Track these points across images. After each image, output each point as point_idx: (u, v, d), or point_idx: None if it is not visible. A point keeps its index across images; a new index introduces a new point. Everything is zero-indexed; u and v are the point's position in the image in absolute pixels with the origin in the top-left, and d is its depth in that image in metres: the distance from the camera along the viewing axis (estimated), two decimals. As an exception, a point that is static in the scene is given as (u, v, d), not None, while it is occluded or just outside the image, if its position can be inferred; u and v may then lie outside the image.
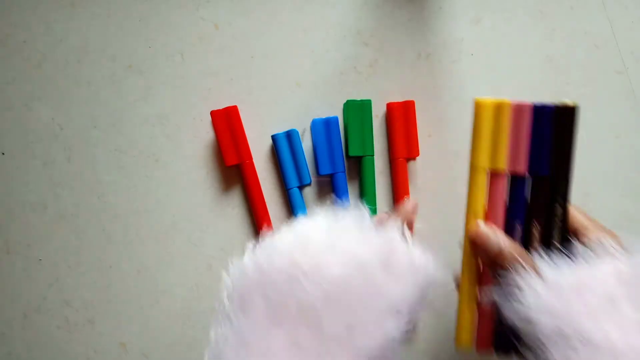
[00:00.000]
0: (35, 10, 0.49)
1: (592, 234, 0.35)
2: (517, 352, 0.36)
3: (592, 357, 0.30)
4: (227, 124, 0.46)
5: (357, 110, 0.47)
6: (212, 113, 0.46)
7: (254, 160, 0.48)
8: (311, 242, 0.33)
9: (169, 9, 0.49)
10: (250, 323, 0.32)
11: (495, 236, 0.35)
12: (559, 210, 0.36)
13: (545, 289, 0.32)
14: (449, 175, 0.48)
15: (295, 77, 0.49)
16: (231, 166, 0.48)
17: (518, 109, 0.36)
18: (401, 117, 0.47)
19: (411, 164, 0.49)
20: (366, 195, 0.47)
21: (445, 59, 0.49)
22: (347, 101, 0.47)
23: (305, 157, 0.47)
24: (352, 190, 0.49)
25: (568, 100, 0.35)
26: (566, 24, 0.49)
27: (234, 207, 0.49)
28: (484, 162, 0.36)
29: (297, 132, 0.47)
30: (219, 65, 0.49)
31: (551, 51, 0.49)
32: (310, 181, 0.48)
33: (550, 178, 0.35)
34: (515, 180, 0.36)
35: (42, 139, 0.49)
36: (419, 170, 0.49)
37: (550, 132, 0.35)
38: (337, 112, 0.49)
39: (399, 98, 0.48)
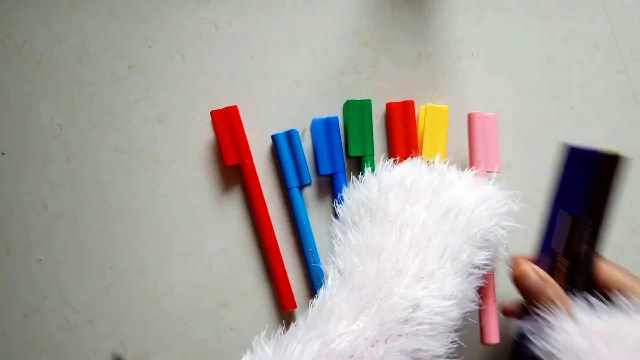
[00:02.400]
0: (35, 10, 0.49)
1: (632, 291, 0.36)
2: None
3: None
4: (227, 124, 0.46)
5: (357, 110, 0.47)
6: (212, 113, 0.46)
7: (254, 161, 0.48)
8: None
9: (169, 9, 0.49)
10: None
11: (536, 276, 0.37)
12: (585, 249, 0.37)
13: (576, 331, 0.33)
14: (449, 175, 0.49)
15: (295, 77, 0.49)
16: (231, 166, 0.48)
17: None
18: (400, 117, 0.47)
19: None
20: None
21: (445, 59, 0.49)
22: (347, 101, 0.47)
23: (305, 157, 0.47)
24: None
25: (616, 150, 0.37)
26: (566, 24, 0.49)
27: (234, 207, 0.49)
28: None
29: (297, 132, 0.47)
30: (219, 65, 0.49)
31: (551, 51, 0.49)
32: (310, 181, 0.48)
33: (584, 219, 0.37)
34: (551, 215, 0.38)
35: (42, 139, 0.49)
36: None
37: (590, 175, 0.37)
38: (337, 112, 0.49)
39: (399, 98, 0.48)
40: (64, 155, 0.49)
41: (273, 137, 0.47)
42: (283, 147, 0.47)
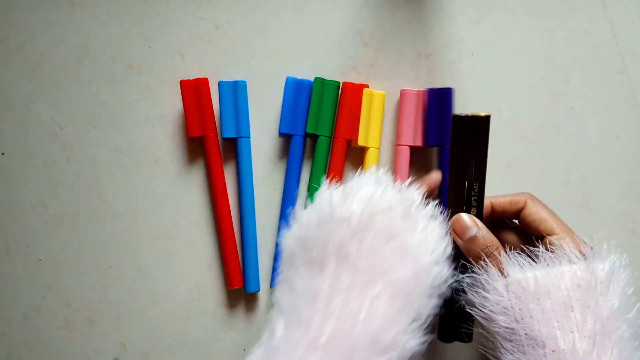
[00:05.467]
0: (35, 10, 0.49)
1: (555, 235, 0.36)
2: (461, 340, 0.41)
3: None
4: (195, 96, 0.46)
5: (320, 88, 0.47)
6: (182, 82, 0.46)
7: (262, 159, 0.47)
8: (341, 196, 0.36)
9: (169, 9, 0.49)
10: (297, 273, 0.35)
11: (474, 224, 0.37)
12: (475, 212, 0.38)
13: (506, 290, 0.34)
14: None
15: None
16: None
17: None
18: (353, 99, 0.47)
19: (418, 161, 0.49)
20: (313, 174, 0.47)
21: (445, 59, 0.49)
22: (315, 78, 0.47)
23: (248, 111, 0.47)
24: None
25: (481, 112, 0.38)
26: (566, 24, 0.49)
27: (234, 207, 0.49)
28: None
29: (245, 84, 0.47)
30: (219, 65, 0.49)
31: (551, 51, 0.49)
32: (249, 134, 0.48)
33: (471, 183, 0.38)
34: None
35: (42, 139, 0.49)
36: (422, 170, 0.49)
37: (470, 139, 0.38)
38: (337, 112, 0.49)
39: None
40: (64, 155, 0.49)
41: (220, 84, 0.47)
42: (227, 95, 0.47)
